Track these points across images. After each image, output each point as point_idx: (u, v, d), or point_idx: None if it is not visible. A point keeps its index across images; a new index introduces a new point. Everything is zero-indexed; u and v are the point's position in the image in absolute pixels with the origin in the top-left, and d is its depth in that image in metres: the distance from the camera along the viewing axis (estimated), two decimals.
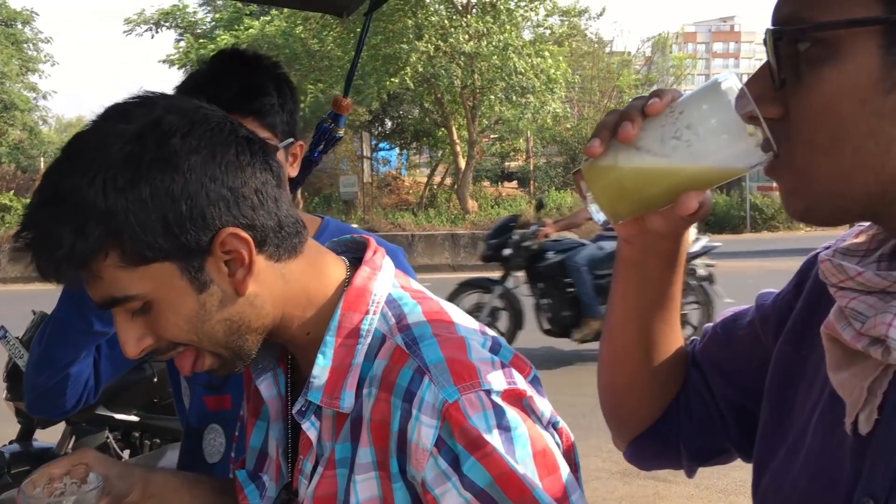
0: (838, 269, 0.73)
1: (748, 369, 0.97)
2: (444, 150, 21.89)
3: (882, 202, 0.69)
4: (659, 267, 0.93)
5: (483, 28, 17.53)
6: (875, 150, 0.66)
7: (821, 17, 0.67)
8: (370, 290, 0.97)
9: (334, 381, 0.93)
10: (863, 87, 0.66)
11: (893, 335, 0.67)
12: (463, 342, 0.92)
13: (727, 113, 0.73)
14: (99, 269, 0.86)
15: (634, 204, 0.80)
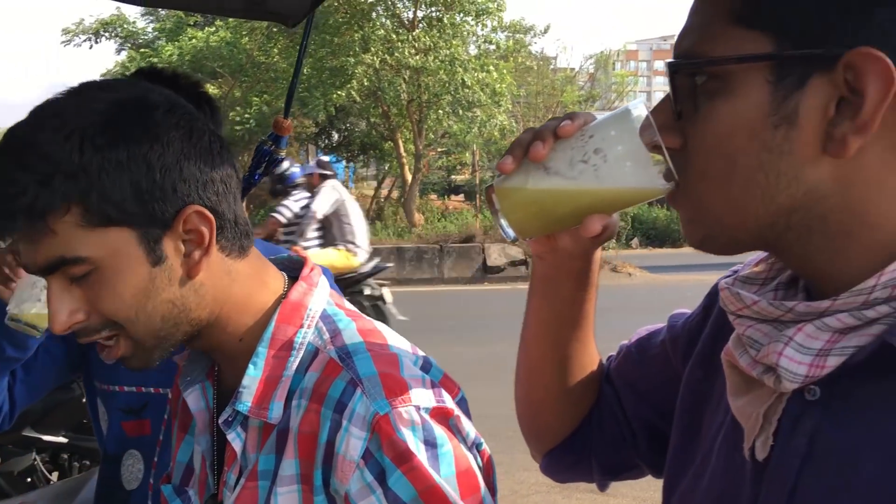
0: (736, 297, 0.75)
1: (659, 388, 0.99)
2: (391, 163, 21.86)
3: (773, 233, 0.71)
4: (570, 284, 0.96)
5: (430, 42, 17.58)
6: (765, 183, 0.68)
7: (715, 53, 0.69)
8: (306, 304, 0.98)
9: (264, 392, 0.93)
10: (753, 121, 0.68)
11: (783, 364, 0.69)
12: (396, 358, 0.94)
13: (633, 141, 0.75)
14: (55, 225, 0.85)
15: (542, 223, 0.82)
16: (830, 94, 0.65)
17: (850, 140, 0.64)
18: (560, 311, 0.99)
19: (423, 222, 18.54)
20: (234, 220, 0.95)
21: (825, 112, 0.65)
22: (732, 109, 0.68)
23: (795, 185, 0.67)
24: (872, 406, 0.66)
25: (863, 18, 0.63)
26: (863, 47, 0.63)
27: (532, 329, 1.03)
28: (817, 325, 0.68)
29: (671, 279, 12.49)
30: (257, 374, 0.94)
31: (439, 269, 14.41)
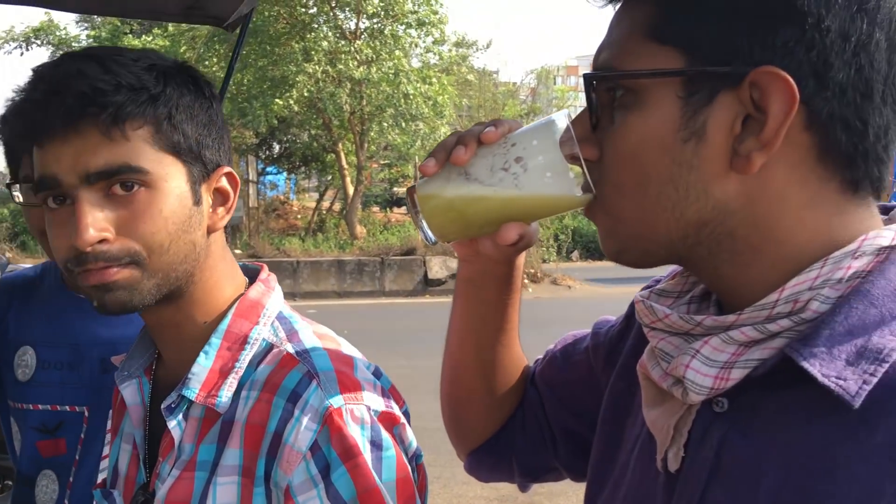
0: (649, 309, 0.76)
1: (580, 394, 1.01)
2: (333, 175, 21.72)
3: (684, 247, 0.71)
4: (494, 288, 0.99)
5: (372, 54, 17.56)
6: (675, 196, 0.69)
7: (629, 66, 0.70)
8: (263, 304, 1.01)
9: (213, 381, 0.95)
10: (663, 135, 0.69)
11: (689, 376, 0.69)
12: (351, 360, 0.97)
13: (553, 151, 0.76)
14: (130, 133, 0.90)
15: (461, 228, 0.82)
16: (737, 111, 0.66)
17: (754, 157, 0.66)
18: (483, 314, 1.01)
19: (365, 235, 18.46)
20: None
21: (732, 128, 0.67)
22: (644, 123, 0.69)
23: (704, 200, 0.69)
24: (774, 418, 0.67)
25: (768, 37, 0.64)
26: (767, 66, 0.64)
27: (456, 330, 1.05)
28: (723, 339, 0.69)
29: (611, 291, 12.66)
30: (207, 364, 0.95)
31: (380, 281, 14.34)
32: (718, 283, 0.74)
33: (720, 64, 0.66)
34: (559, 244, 17.90)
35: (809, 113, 0.65)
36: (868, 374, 0.62)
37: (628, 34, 0.71)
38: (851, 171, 0.68)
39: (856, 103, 0.65)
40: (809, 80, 0.64)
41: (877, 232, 0.68)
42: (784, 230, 0.68)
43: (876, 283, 0.65)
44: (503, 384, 1.06)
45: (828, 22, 0.63)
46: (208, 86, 0.99)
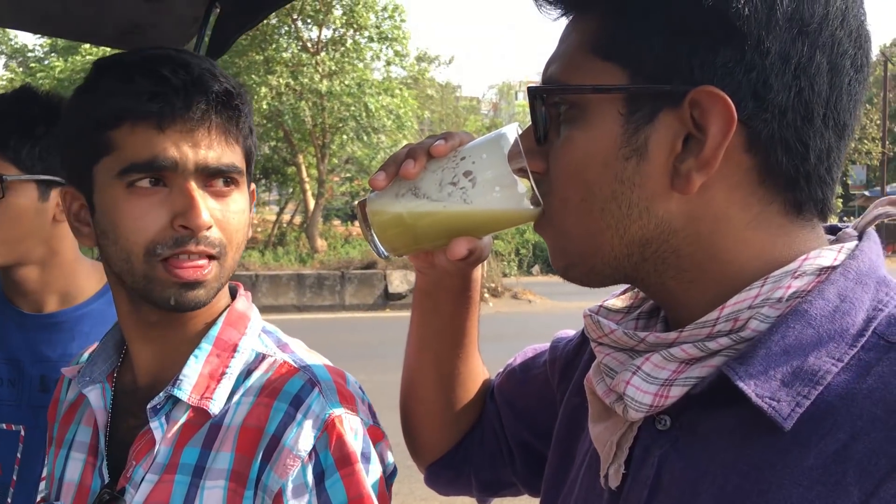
0: (596, 324, 0.76)
1: (538, 409, 1.01)
2: (294, 188, 21.60)
3: (629, 264, 0.71)
4: (451, 300, 0.99)
5: (335, 66, 17.54)
6: (618, 213, 0.69)
7: (574, 81, 0.70)
8: (249, 316, 1.03)
9: (205, 384, 0.95)
10: (606, 151, 0.68)
11: (629, 392, 0.69)
12: (343, 374, 0.99)
13: (502, 165, 0.75)
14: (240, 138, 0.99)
15: (411, 241, 0.82)
16: (677, 131, 0.66)
17: (693, 176, 0.66)
18: (440, 327, 1.01)
19: (326, 248, 18.36)
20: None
21: (672, 147, 0.66)
22: (587, 139, 0.69)
23: (647, 218, 0.68)
24: (712, 437, 0.67)
25: (708, 57, 0.64)
26: (707, 86, 0.64)
27: (414, 343, 1.05)
28: (664, 356, 0.69)
29: (571, 306, 12.73)
30: (198, 367, 0.96)
31: (340, 295, 14.26)
32: (665, 300, 0.74)
33: (661, 82, 0.66)
34: (520, 258, 18.00)
35: (749, 134, 0.65)
36: (801, 396, 0.62)
37: (575, 49, 0.71)
38: (794, 193, 0.67)
39: (796, 125, 0.65)
40: (749, 101, 0.64)
41: (818, 251, 0.67)
42: (726, 249, 0.68)
43: (814, 303, 0.65)
44: (461, 398, 1.06)
45: (768, 44, 0.63)
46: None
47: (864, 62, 0.67)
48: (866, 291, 0.66)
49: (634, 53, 0.66)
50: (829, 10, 0.64)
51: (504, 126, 0.79)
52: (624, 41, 0.67)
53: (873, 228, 0.73)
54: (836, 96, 0.66)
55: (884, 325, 0.64)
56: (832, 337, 0.64)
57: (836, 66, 0.65)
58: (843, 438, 0.60)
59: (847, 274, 0.66)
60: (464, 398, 1.06)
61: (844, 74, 0.66)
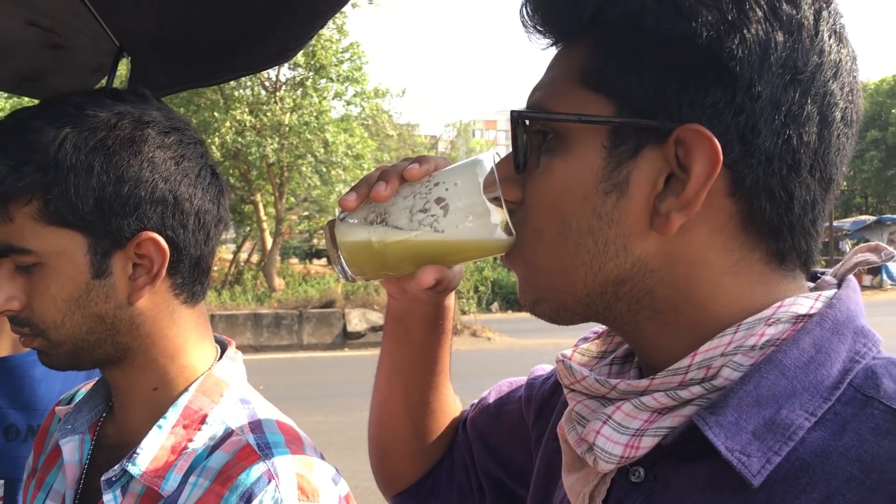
0: (568, 370, 0.73)
1: (511, 447, 0.98)
2: (252, 226, 21.43)
3: (602, 303, 0.69)
4: (422, 328, 0.96)
5: (293, 103, 17.55)
6: (594, 249, 0.66)
7: (559, 110, 0.67)
8: (227, 383, 0.96)
9: (163, 460, 0.89)
10: (586, 185, 0.66)
11: (599, 443, 0.66)
12: (312, 462, 0.91)
13: (476, 194, 0.73)
14: (14, 212, 0.85)
15: (379, 267, 0.78)
16: (660, 168, 0.65)
17: (673, 216, 0.64)
18: (411, 355, 0.98)
19: (284, 287, 18.18)
20: (196, 261, 0.94)
21: (654, 185, 0.65)
22: (568, 169, 0.67)
23: (623, 256, 0.66)
24: (684, 491, 0.65)
25: (698, 96, 0.63)
26: (694, 124, 0.62)
27: (384, 371, 1.01)
28: (635, 405, 0.66)
29: (531, 343, 12.74)
30: (160, 440, 0.90)
31: (298, 335, 14.08)
32: (638, 343, 0.72)
33: (648, 117, 0.64)
34: (479, 295, 17.99)
35: (734, 178, 0.64)
36: (772, 452, 0.60)
37: (562, 77, 0.69)
38: (777, 243, 0.66)
39: (782, 174, 0.63)
40: (735, 145, 0.63)
41: (794, 299, 0.66)
42: (703, 294, 0.66)
43: (788, 352, 0.63)
44: (431, 429, 1.03)
45: (759, 88, 0.62)
46: (127, 142, 0.88)
47: (855, 118, 0.66)
48: (843, 342, 0.64)
49: (623, 86, 0.65)
50: (824, 60, 0.63)
51: (479, 154, 0.78)
52: (613, 73, 0.65)
53: (853, 276, 0.71)
54: (824, 148, 0.64)
55: (860, 378, 0.62)
56: (806, 389, 0.62)
57: (825, 118, 0.64)
58: (817, 498, 0.58)
59: (823, 323, 0.64)
60: (434, 429, 1.03)
61: (834, 127, 0.64)
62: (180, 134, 0.93)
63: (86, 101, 0.90)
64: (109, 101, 0.91)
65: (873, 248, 0.73)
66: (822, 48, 0.63)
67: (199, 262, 0.95)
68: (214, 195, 0.95)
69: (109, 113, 0.89)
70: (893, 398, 0.60)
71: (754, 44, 0.61)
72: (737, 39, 0.61)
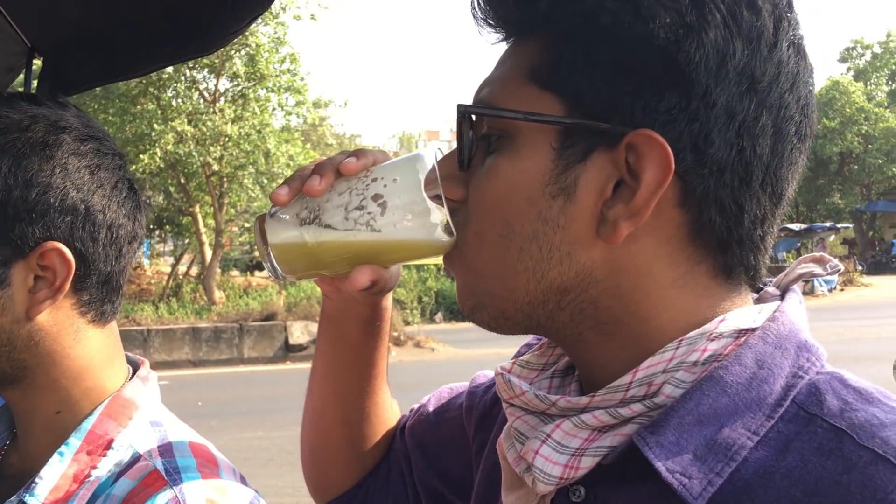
0: (507, 384, 0.69)
1: (450, 456, 0.94)
2: (190, 238, 21.04)
3: (544, 312, 0.66)
4: (357, 330, 0.91)
5: (233, 114, 17.31)
6: (538, 255, 0.63)
7: (507, 106, 0.64)
8: (137, 405, 0.91)
9: (64, 489, 0.84)
10: (532, 186, 0.63)
11: (538, 464, 0.63)
12: (225, 485, 0.86)
13: (416, 192, 0.69)
14: None
15: (311, 265, 0.74)
16: (609, 174, 0.62)
17: (620, 225, 0.62)
18: (346, 356, 0.95)
19: (224, 300, 17.87)
20: (106, 278, 0.89)
21: (602, 191, 0.63)
22: (514, 169, 0.64)
23: (567, 263, 0.64)
24: None
25: (651, 101, 0.61)
26: (646, 129, 0.60)
27: (318, 372, 0.99)
28: (575, 423, 0.64)
29: (475, 353, 12.75)
30: (61, 468, 0.84)
31: (238, 348, 13.81)
32: (579, 355, 0.69)
33: (599, 120, 0.62)
34: (422, 306, 17.96)
35: (684, 188, 0.62)
36: (714, 474, 0.58)
37: (512, 73, 0.66)
38: (724, 256, 0.64)
39: (733, 186, 0.61)
40: (688, 153, 0.61)
41: (736, 312, 0.64)
42: (647, 307, 0.64)
43: (730, 368, 0.61)
44: (366, 435, 0.99)
45: (715, 95, 0.60)
46: (38, 145, 0.84)
47: (808, 133, 0.65)
48: (786, 357, 0.62)
49: (574, 86, 0.62)
50: (781, 71, 0.62)
51: (420, 149, 0.74)
52: (564, 72, 0.63)
53: (798, 287, 0.70)
54: (776, 162, 0.63)
55: (804, 395, 0.60)
56: (749, 406, 0.60)
57: (780, 131, 0.62)
58: None
59: (766, 337, 0.62)
60: (369, 435, 0.99)
61: (788, 141, 0.63)
62: (98, 143, 0.88)
63: (3, 106, 0.85)
64: (24, 104, 0.86)
65: (818, 259, 0.72)
66: (781, 59, 0.62)
67: (108, 279, 0.89)
68: (130, 210, 0.91)
69: (23, 115, 0.84)
70: (836, 416, 0.58)
71: (712, 49, 0.60)
72: (695, 44, 0.59)
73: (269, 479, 1.16)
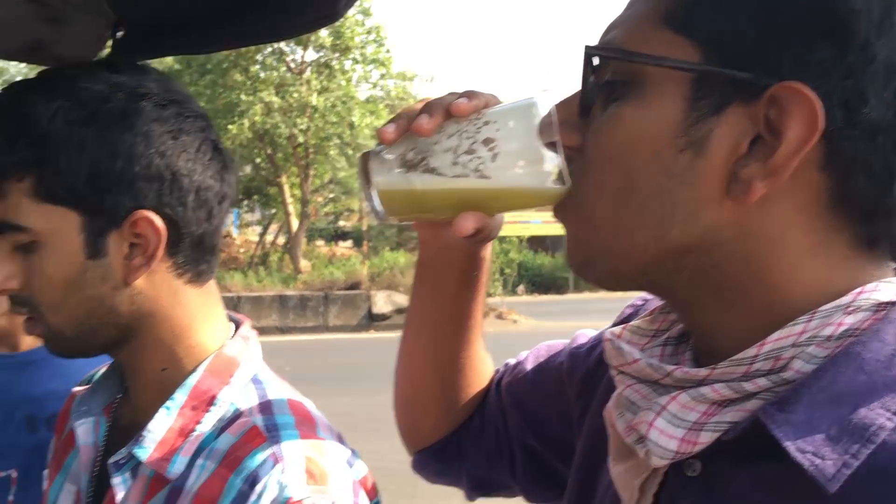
0: (618, 351, 0.66)
1: (549, 417, 0.91)
2: (277, 208, 21.53)
3: (661, 272, 0.62)
4: (454, 279, 0.89)
5: (319, 85, 17.54)
6: (659, 212, 0.59)
7: (637, 50, 0.60)
8: (239, 362, 0.93)
9: (170, 443, 0.87)
10: (659, 138, 0.59)
11: (652, 436, 0.60)
12: (323, 444, 0.88)
13: (530, 137, 0.65)
14: (8, 189, 0.84)
15: (414, 208, 0.72)
16: (746, 129, 0.57)
17: (755, 185, 0.57)
18: (442, 307, 0.92)
19: (309, 269, 18.27)
20: (199, 239, 0.90)
21: (737, 147, 0.57)
22: (640, 119, 0.60)
23: (692, 223, 0.59)
24: (746, 493, 0.58)
25: (803, 50, 0.55)
26: (794, 82, 0.55)
27: (413, 320, 0.97)
28: (692, 395, 0.60)
29: (556, 326, 12.68)
30: (168, 422, 0.88)
31: (324, 316, 14.14)
32: (696, 323, 0.65)
33: (740, 69, 0.56)
34: (504, 278, 17.96)
35: (829, 149, 0.56)
36: (850, 456, 0.53)
37: (644, 15, 0.61)
38: (869, 226, 0.59)
39: (885, 151, 0.56)
40: (838, 111, 0.55)
41: (875, 285, 0.58)
42: (777, 275, 0.59)
43: (869, 344, 0.56)
44: (459, 386, 0.97)
45: (875, 49, 0.54)
46: (119, 115, 0.85)
47: None
48: None
49: (714, 31, 0.57)
50: None
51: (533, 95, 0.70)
52: (705, 15, 0.58)
53: None
54: None
55: None
56: (889, 386, 0.55)
57: None
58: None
59: None
60: (462, 386, 0.97)
61: None
62: (179, 106, 0.89)
63: (80, 73, 0.86)
64: (106, 73, 0.87)
65: None
66: None
67: (201, 241, 0.91)
68: (217, 170, 0.91)
69: (104, 85, 0.85)
70: None
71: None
72: None
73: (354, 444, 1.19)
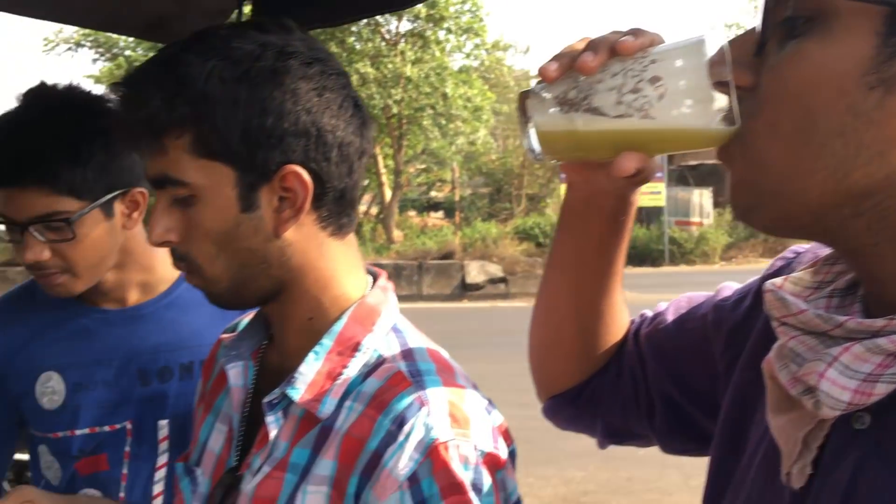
0: (781, 302, 0.64)
1: (691, 368, 0.90)
2: (371, 178, 21.86)
3: (837, 218, 0.59)
4: (600, 224, 0.88)
5: (414, 56, 17.62)
6: (842, 153, 0.57)
7: None
8: (380, 311, 0.97)
9: (319, 385, 0.92)
10: (845, 75, 0.56)
11: (824, 387, 0.58)
12: (463, 391, 0.91)
13: (700, 76, 0.63)
14: (168, 145, 0.88)
15: (572, 148, 0.71)
16: None
17: None
18: (584, 251, 0.91)
19: (402, 239, 18.48)
20: (341, 193, 0.94)
21: None
22: (826, 55, 0.56)
23: (877, 164, 0.56)
24: None
25: None
26: None
27: (554, 264, 0.96)
28: (867, 346, 0.58)
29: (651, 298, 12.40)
30: (317, 365, 0.92)
31: (418, 286, 14.31)
32: (871, 271, 0.62)
33: None
34: None
35: None
36: None
37: None
38: None
39: None
40: None
41: None
42: None
43: None
44: (598, 332, 0.95)
45: None
46: (269, 73, 0.89)
47: None
48: None
49: None
50: None
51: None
52: None
53: None
54: None
55: None
56: None
57: None
58: None
59: None
60: (600, 333, 0.95)
61: None
62: (323, 65, 0.92)
63: (232, 33, 0.90)
64: (254, 32, 0.91)
65: None
66: None
67: (343, 194, 0.94)
68: (357, 127, 0.95)
69: (254, 45, 0.89)
70: None
71: None
72: None
73: None
